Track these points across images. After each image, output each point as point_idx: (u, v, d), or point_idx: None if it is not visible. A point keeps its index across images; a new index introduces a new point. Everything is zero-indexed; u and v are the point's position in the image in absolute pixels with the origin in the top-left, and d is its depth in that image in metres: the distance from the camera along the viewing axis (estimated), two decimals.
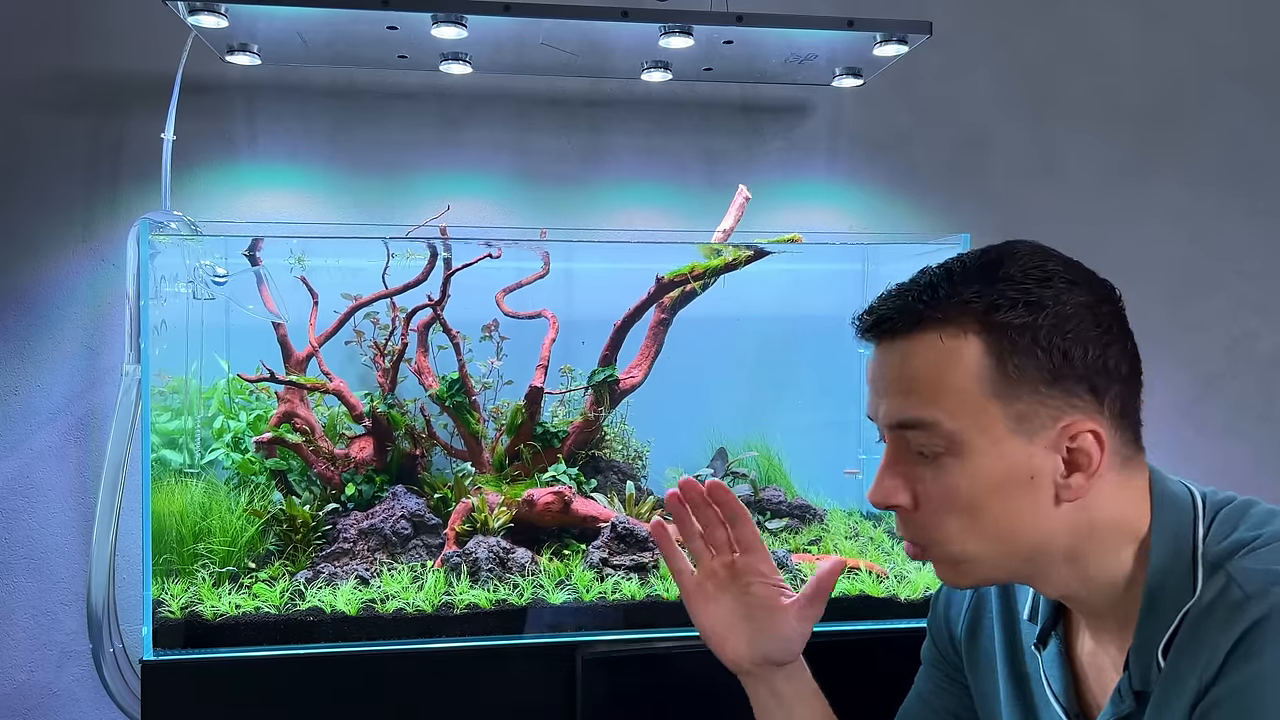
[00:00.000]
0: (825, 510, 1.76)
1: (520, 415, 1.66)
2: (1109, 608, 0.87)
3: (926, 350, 0.82)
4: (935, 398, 0.82)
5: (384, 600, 1.40)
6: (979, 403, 0.81)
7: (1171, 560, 0.83)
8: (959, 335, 0.81)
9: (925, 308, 0.83)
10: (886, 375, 0.85)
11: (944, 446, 0.82)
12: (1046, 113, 2.00)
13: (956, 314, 0.81)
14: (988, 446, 0.81)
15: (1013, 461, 0.81)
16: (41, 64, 1.69)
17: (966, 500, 0.82)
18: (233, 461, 1.61)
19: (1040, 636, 0.95)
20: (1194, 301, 2.05)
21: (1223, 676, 0.74)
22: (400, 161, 1.80)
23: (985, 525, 0.83)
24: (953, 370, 0.81)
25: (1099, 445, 0.81)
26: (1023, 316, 0.80)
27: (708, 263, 1.63)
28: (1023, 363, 0.80)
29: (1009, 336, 0.80)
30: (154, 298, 1.47)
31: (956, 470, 0.82)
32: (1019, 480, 0.81)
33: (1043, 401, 0.81)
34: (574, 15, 1.48)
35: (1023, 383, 0.80)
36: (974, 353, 0.81)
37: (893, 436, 0.86)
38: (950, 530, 0.84)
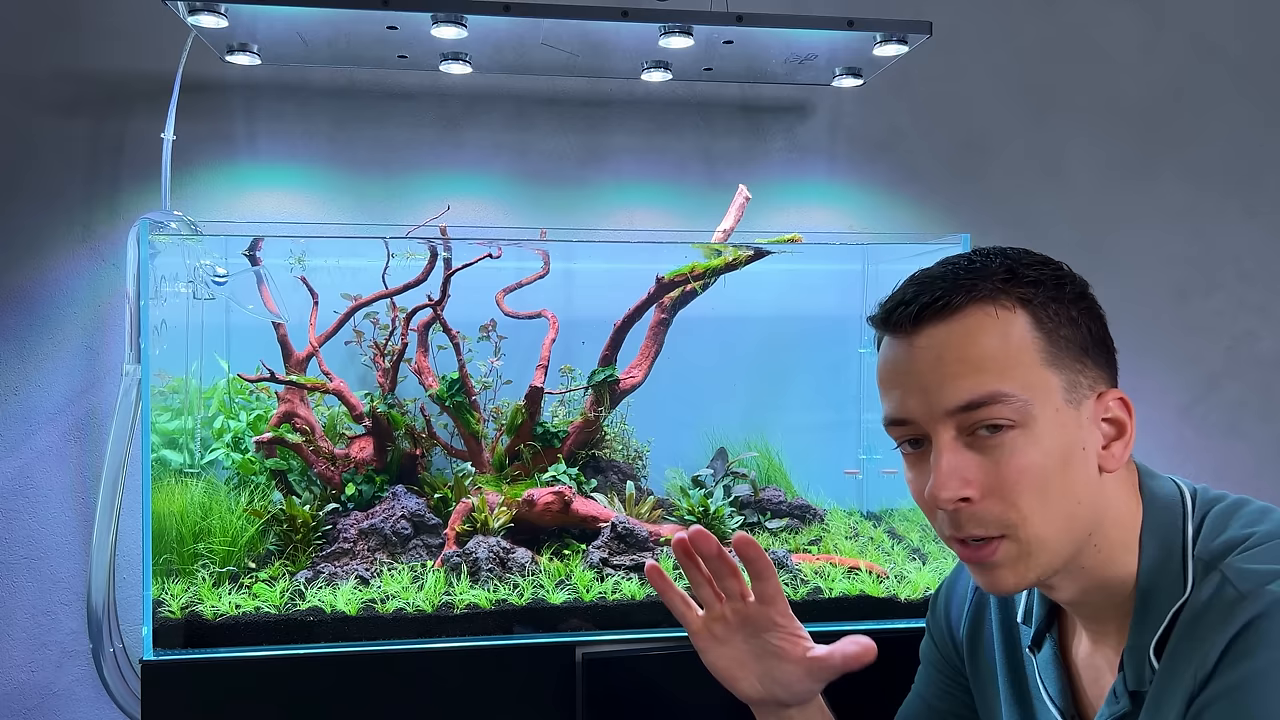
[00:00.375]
0: (825, 510, 1.76)
1: (520, 415, 1.66)
2: (1107, 608, 0.87)
3: (982, 327, 0.82)
4: (1002, 371, 0.81)
5: (384, 600, 1.40)
6: (1040, 373, 0.82)
7: (1162, 559, 0.83)
8: (1008, 309, 0.82)
9: (967, 289, 0.82)
10: (939, 361, 0.82)
11: (1016, 420, 0.80)
12: (1046, 113, 2.00)
13: (998, 292, 0.83)
14: (1051, 417, 0.81)
15: (1070, 432, 0.82)
16: (42, 64, 1.69)
17: (1038, 476, 0.81)
18: (233, 461, 1.61)
19: (1034, 639, 0.95)
20: (1194, 301, 2.05)
21: (1217, 675, 0.74)
22: (400, 161, 1.80)
23: (1053, 501, 0.81)
24: (1014, 342, 0.81)
25: (1128, 411, 0.84)
26: (1054, 291, 0.83)
27: (708, 263, 1.63)
28: (1068, 334, 0.83)
29: (1049, 309, 0.83)
30: (154, 298, 1.47)
31: (1026, 445, 0.81)
32: (1076, 452, 0.82)
33: (1084, 371, 0.83)
34: (574, 15, 1.48)
35: (1068, 353, 0.83)
36: (1026, 325, 0.82)
37: (954, 424, 0.82)
38: (1025, 510, 0.81)
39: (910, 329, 0.84)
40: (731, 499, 1.66)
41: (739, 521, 1.65)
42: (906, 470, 0.88)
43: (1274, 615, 0.73)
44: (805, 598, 1.45)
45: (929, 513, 0.87)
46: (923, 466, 0.85)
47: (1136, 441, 0.89)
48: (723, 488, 1.68)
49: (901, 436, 0.87)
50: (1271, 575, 0.76)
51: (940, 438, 0.83)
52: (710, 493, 1.64)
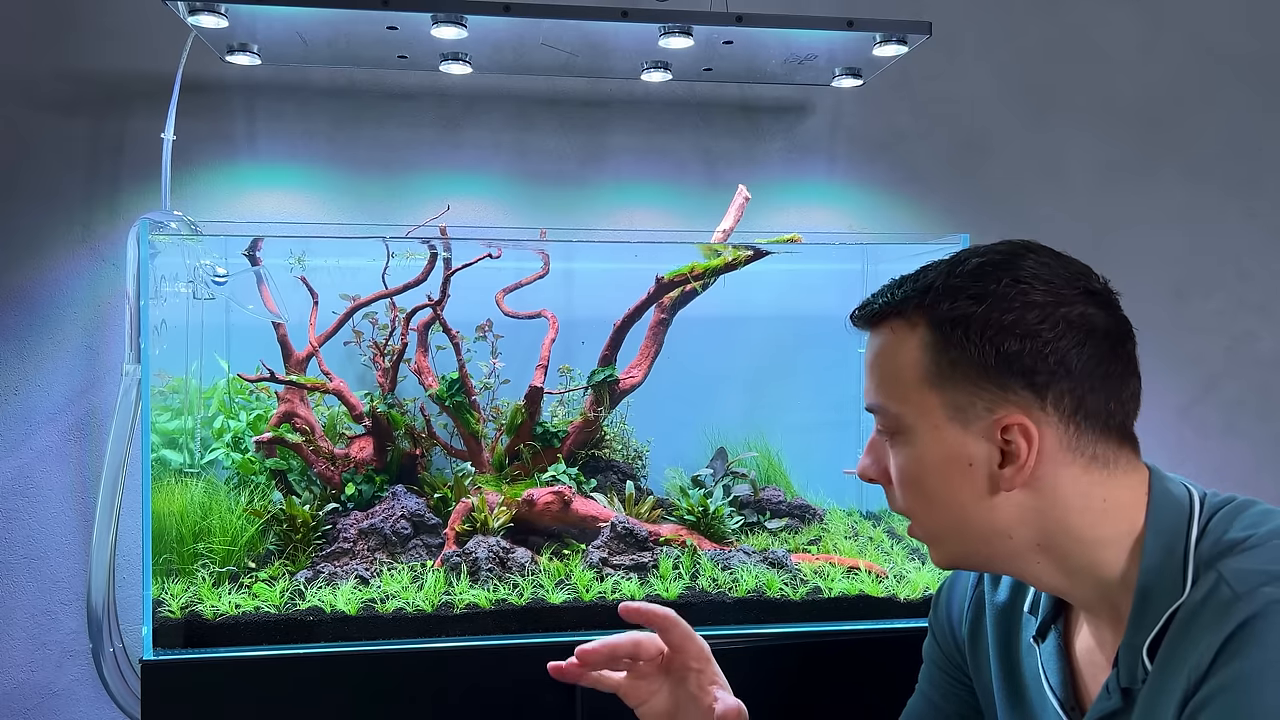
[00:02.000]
0: (824, 510, 1.76)
1: (520, 415, 1.67)
2: (1102, 603, 0.87)
3: (883, 341, 0.91)
4: (885, 385, 0.90)
5: (384, 600, 1.40)
6: (919, 391, 0.87)
7: (1163, 559, 0.83)
8: (908, 327, 0.88)
9: (886, 301, 0.90)
10: (865, 360, 0.93)
11: (894, 428, 0.89)
12: (1046, 112, 2.00)
13: (910, 307, 0.88)
14: (927, 431, 0.87)
15: (950, 447, 0.86)
16: (42, 64, 1.69)
17: (914, 479, 0.89)
18: (233, 461, 1.61)
19: (1040, 630, 0.95)
20: (1194, 301, 2.05)
21: (1211, 675, 0.74)
22: (400, 161, 1.80)
23: (934, 505, 0.89)
24: (899, 360, 0.88)
25: (1027, 439, 0.84)
26: (962, 310, 0.85)
27: (707, 263, 1.63)
28: (959, 355, 0.85)
29: (947, 329, 0.86)
30: (154, 298, 1.47)
31: (905, 451, 0.89)
32: (958, 466, 0.86)
33: (977, 394, 0.85)
34: (574, 15, 1.48)
35: (959, 374, 0.85)
36: (918, 344, 0.87)
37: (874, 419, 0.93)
38: (910, 506, 0.91)
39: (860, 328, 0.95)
40: (731, 499, 1.66)
41: (738, 521, 1.65)
42: None
43: (1269, 616, 0.73)
44: (805, 598, 1.45)
45: None
46: None
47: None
48: (722, 487, 1.68)
49: None
50: (1268, 577, 0.76)
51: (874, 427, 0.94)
52: (710, 492, 1.64)
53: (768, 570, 1.50)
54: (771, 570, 1.50)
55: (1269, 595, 0.74)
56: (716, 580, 1.48)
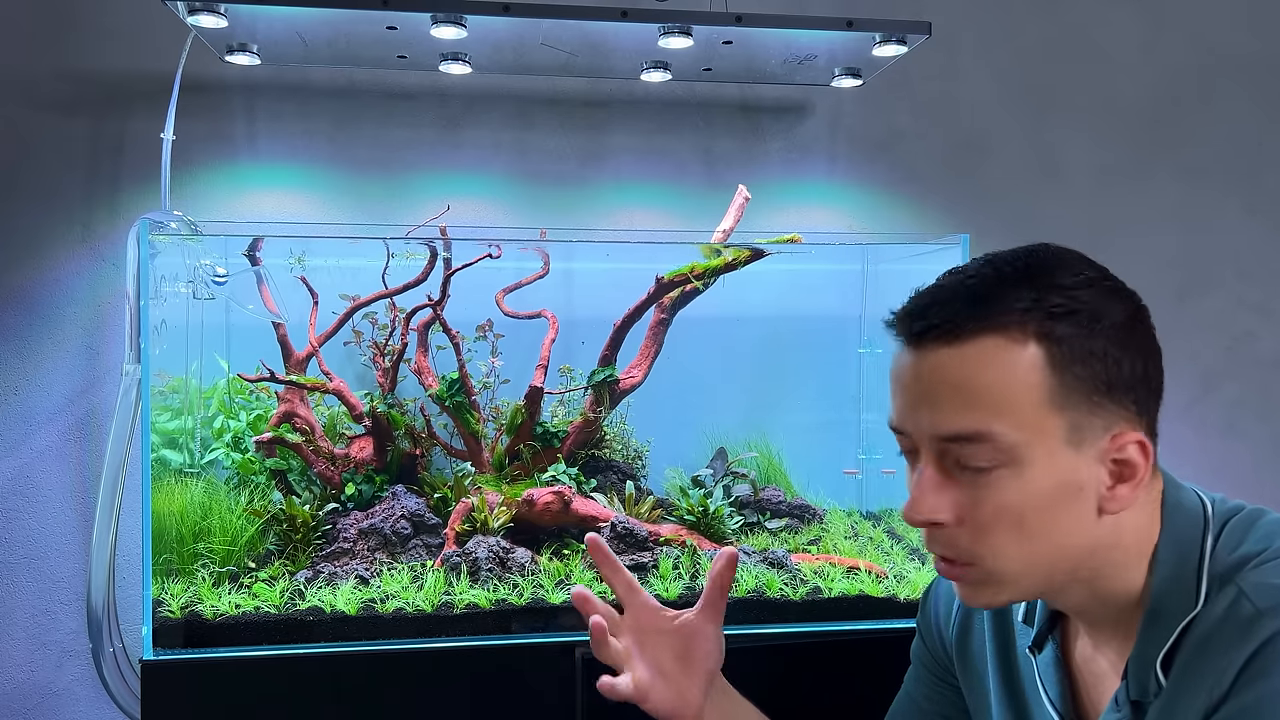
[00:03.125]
0: (825, 510, 1.76)
1: (520, 415, 1.67)
2: (1111, 617, 0.86)
3: (986, 359, 0.78)
4: (998, 409, 0.78)
5: (384, 600, 1.40)
6: (1039, 414, 0.78)
7: (1176, 571, 0.82)
8: (1018, 343, 0.78)
9: (983, 313, 0.79)
10: (936, 384, 0.80)
11: (1002, 460, 0.78)
12: (1046, 113, 2.00)
13: (1015, 321, 0.78)
14: (1043, 459, 0.78)
15: (1064, 474, 0.78)
16: (42, 64, 1.69)
17: (1017, 515, 0.79)
18: (233, 461, 1.61)
19: (1036, 640, 0.94)
20: (1193, 301, 2.06)
21: (1234, 694, 0.73)
22: (400, 161, 1.80)
23: (1031, 541, 0.79)
24: (1015, 380, 0.77)
25: (1144, 455, 0.80)
26: (1081, 325, 0.78)
27: (707, 263, 1.63)
28: (1081, 372, 0.78)
29: (1067, 345, 0.78)
30: (154, 298, 1.47)
31: (1011, 484, 0.78)
32: (1069, 493, 0.79)
33: (1095, 412, 0.78)
34: (574, 15, 1.48)
35: (1079, 393, 0.78)
36: (1034, 361, 0.78)
37: (939, 449, 0.81)
38: (995, 546, 0.80)
39: (920, 343, 0.81)
40: (731, 499, 1.66)
41: (738, 521, 1.65)
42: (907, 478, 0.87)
43: None
44: (805, 597, 1.45)
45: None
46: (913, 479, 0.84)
47: None
48: (722, 488, 1.68)
49: (900, 444, 0.86)
50: None
51: (926, 458, 0.82)
52: (710, 493, 1.64)
53: (768, 570, 1.50)
54: (771, 570, 1.50)
55: None
56: None
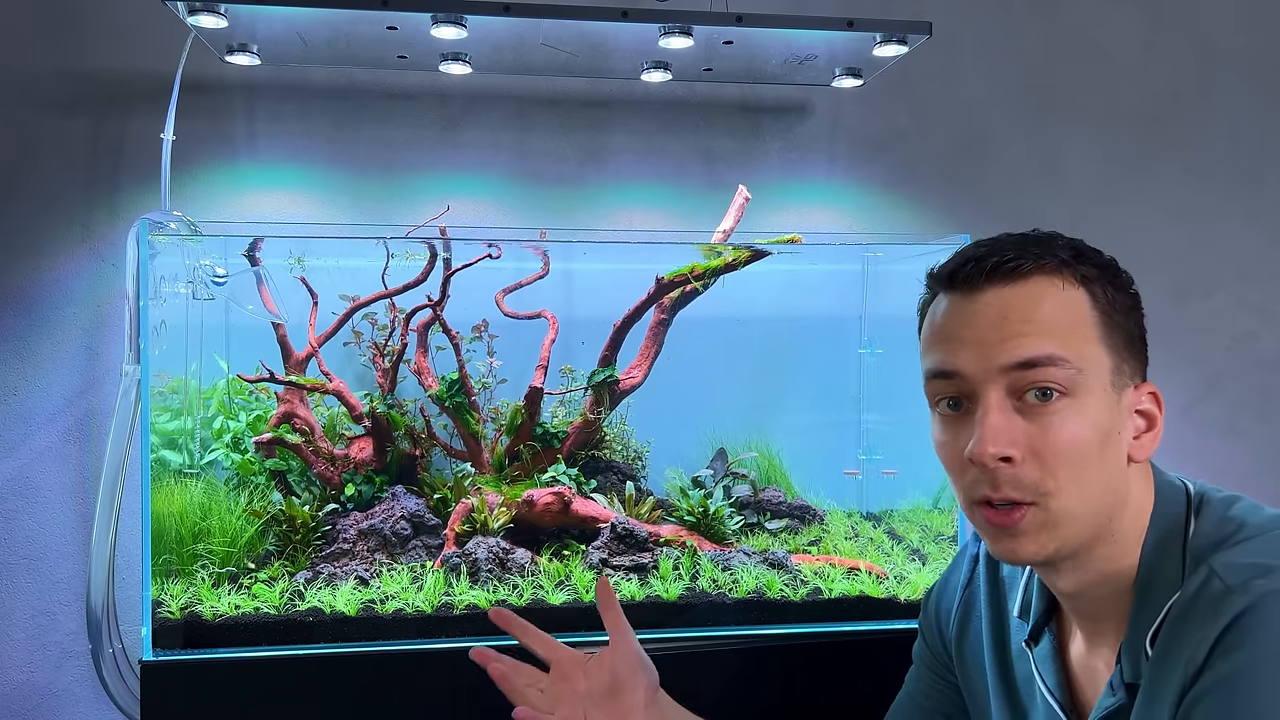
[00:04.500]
0: (825, 510, 1.75)
1: (520, 416, 1.66)
2: (1106, 604, 0.88)
3: (1047, 295, 0.85)
4: (1062, 336, 0.83)
5: (384, 600, 1.40)
6: (1095, 349, 0.84)
7: (1161, 553, 0.84)
8: (1073, 283, 0.85)
9: (1035, 255, 0.86)
10: (1001, 319, 0.84)
11: (1068, 387, 0.82)
12: (1046, 112, 2.00)
13: (1061, 268, 0.86)
14: (1099, 393, 0.84)
15: (1112, 414, 0.84)
16: (42, 64, 1.69)
17: (1080, 449, 0.82)
18: (232, 462, 1.61)
19: (1032, 633, 0.95)
20: (1194, 301, 2.05)
21: (1207, 669, 0.75)
22: (400, 161, 1.80)
23: (1088, 479, 0.83)
24: (1077, 314, 0.85)
25: (1158, 405, 0.87)
26: (1110, 280, 0.87)
27: (707, 263, 1.63)
28: (1122, 320, 0.86)
29: (1105, 294, 0.86)
30: (154, 298, 1.47)
31: (1072, 415, 0.82)
32: (1113, 435, 0.84)
33: (1126, 360, 0.86)
34: (574, 15, 1.48)
35: (1119, 338, 0.86)
36: (1086, 302, 0.85)
37: (1006, 382, 0.83)
38: (1061, 479, 0.82)
39: (976, 286, 0.86)
40: (731, 499, 1.66)
41: (739, 522, 1.65)
42: (939, 432, 0.89)
43: (1261, 609, 0.74)
44: (805, 598, 1.45)
45: (959, 473, 0.87)
46: (959, 427, 0.86)
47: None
48: (722, 488, 1.68)
49: (943, 393, 0.88)
50: (1259, 569, 0.77)
51: (989, 395, 0.84)
52: (710, 493, 1.64)
53: (768, 571, 1.50)
54: (772, 571, 1.50)
55: (1261, 588, 0.75)
56: (717, 581, 1.48)
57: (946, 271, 0.89)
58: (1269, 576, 0.76)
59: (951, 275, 0.88)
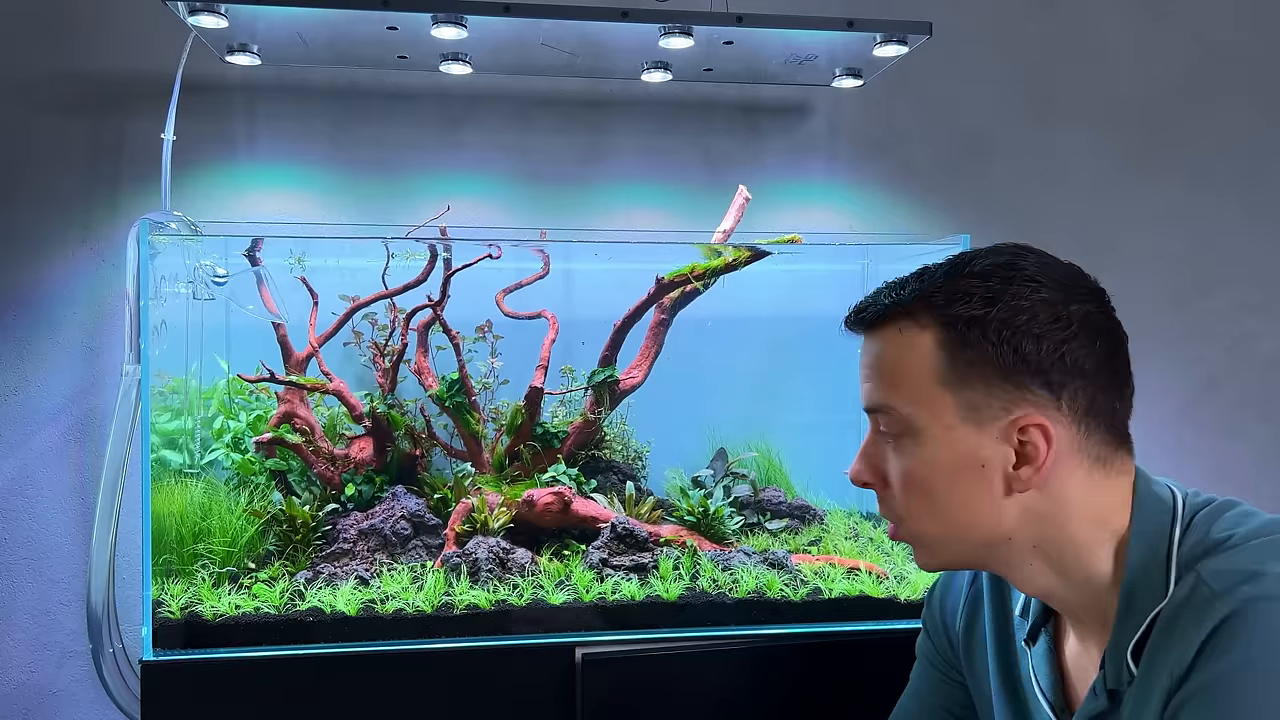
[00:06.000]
0: (825, 511, 1.76)
1: (520, 416, 1.66)
2: (1090, 608, 0.88)
3: (889, 341, 0.89)
4: (894, 385, 0.88)
5: (384, 600, 1.40)
6: (932, 391, 0.86)
7: (1147, 561, 0.84)
8: (917, 328, 0.87)
9: (891, 302, 0.89)
10: (862, 362, 0.92)
11: (901, 430, 0.88)
12: (1047, 113, 2.00)
13: (919, 308, 0.87)
14: (940, 433, 0.86)
15: (963, 448, 0.86)
16: (41, 64, 1.69)
17: (920, 482, 0.88)
18: (233, 462, 1.61)
19: (1030, 633, 0.96)
20: (1194, 302, 2.05)
21: (1193, 673, 0.76)
22: (400, 161, 1.80)
23: (939, 508, 0.88)
24: (910, 360, 0.87)
25: (1046, 440, 0.84)
26: (976, 310, 0.85)
27: (708, 263, 1.63)
28: (974, 356, 0.85)
29: (962, 330, 0.85)
30: (154, 298, 1.47)
31: (912, 453, 0.88)
32: (970, 467, 0.86)
33: (993, 393, 0.85)
34: (574, 16, 1.48)
35: (974, 374, 0.85)
36: (930, 344, 0.86)
37: (870, 420, 0.93)
38: (911, 509, 0.89)
39: (862, 329, 0.93)
40: (731, 499, 1.66)
41: (739, 522, 1.65)
42: None
43: (1246, 614, 0.75)
44: (805, 598, 1.45)
45: None
46: None
47: (1136, 442, 0.90)
48: (722, 488, 1.68)
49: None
50: (1245, 575, 0.77)
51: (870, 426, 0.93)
52: (710, 493, 1.64)
53: (768, 571, 1.50)
54: (772, 571, 1.50)
55: (1246, 594, 0.75)
56: (717, 581, 1.48)
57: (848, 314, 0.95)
58: (1255, 582, 0.76)
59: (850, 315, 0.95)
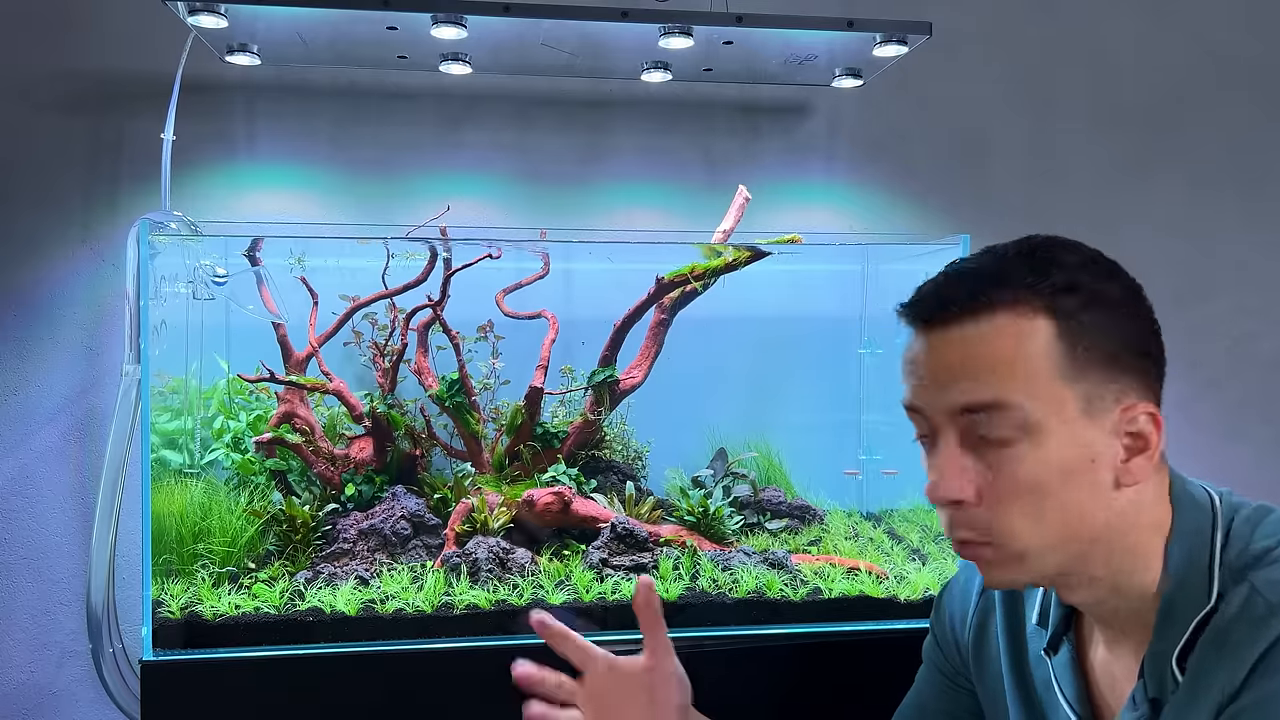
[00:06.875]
0: (825, 511, 1.75)
1: (520, 416, 1.66)
2: (1131, 614, 0.85)
3: (999, 333, 0.81)
4: (1013, 380, 0.80)
5: (384, 600, 1.40)
6: (1052, 385, 0.80)
7: (1189, 566, 0.82)
8: (1029, 317, 0.81)
9: (994, 290, 0.82)
10: (955, 359, 0.82)
11: (1018, 430, 0.80)
12: (1046, 113, 2.00)
13: (1025, 297, 0.81)
14: (1059, 429, 0.80)
15: (1080, 444, 0.80)
16: (41, 64, 1.69)
17: (1034, 486, 0.80)
18: (233, 461, 1.61)
19: (1051, 642, 0.93)
20: (1194, 303, 2.05)
21: (1247, 689, 0.74)
22: (400, 161, 1.80)
23: (1049, 514, 0.80)
24: (1028, 352, 0.80)
25: (1155, 426, 0.82)
26: (1086, 300, 0.81)
27: (708, 263, 1.63)
28: (1090, 344, 0.81)
29: (1076, 319, 0.81)
30: (154, 298, 1.47)
31: (1028, 455, 0.80)
32: (1084, 465, 0.80)
33: (1106, 383, 0.81)
34: (574, 15, 1.48)
35: (1090, 364, 0.80)
36: (1046, 335, 0.80)
37: (959, 424, 0.82)
38: (1014, 521, 0.81)
39: (933, 322, 0.83)
40: (731, 499, 1.66)
41: (739, 522, 1.65)
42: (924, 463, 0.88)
43: None
44: (805, 598, 1.45)
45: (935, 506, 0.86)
46: (930, 461, 0.85)
47: None
48: (722, 488, 1.68)
49: (917, 427, 0.87)
50: None
51: (946, 436, 0.83)
52: (710, 493, 1.64)
53: (768, 571, 1.50)
54: (772, 571, 1.50)
55: None
56: (717, 581, 1.48)
57: (911, 301, 0.86)
58: None
59: (913, 306, 0.85)
